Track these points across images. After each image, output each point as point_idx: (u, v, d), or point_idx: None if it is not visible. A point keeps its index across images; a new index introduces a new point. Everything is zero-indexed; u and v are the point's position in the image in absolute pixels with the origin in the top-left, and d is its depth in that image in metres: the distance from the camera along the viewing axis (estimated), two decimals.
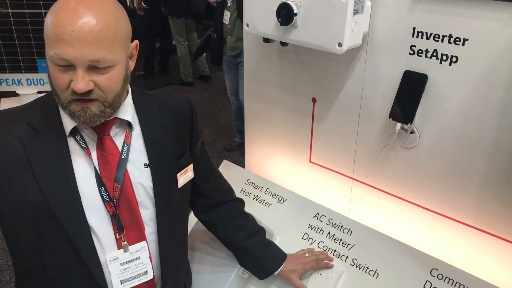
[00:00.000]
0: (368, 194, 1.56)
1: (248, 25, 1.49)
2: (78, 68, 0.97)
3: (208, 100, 5.60)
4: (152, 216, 1.19)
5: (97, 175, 1.10)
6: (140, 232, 1.17)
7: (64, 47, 0.95)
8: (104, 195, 1.10)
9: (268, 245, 1.46)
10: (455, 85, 1.24)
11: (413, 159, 1.40)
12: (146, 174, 1.17)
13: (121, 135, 1.15)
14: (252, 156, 1.93)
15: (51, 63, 0.99)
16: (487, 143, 1.23)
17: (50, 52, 0.97)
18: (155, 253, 1.21)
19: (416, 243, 1.42)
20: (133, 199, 1.15)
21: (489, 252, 1.32)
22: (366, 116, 1.47)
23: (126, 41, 1.06)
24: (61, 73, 0.99)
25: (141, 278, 1.18)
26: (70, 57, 0.96)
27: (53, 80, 1.02)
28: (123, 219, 1.14)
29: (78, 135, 1.10)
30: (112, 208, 1.11)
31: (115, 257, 1.14)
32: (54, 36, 0.96)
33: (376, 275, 1.37)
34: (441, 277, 1.29)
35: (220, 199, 1.45)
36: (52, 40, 0.96)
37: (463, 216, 1.35)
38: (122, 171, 1.12)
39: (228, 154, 4.24)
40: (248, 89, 1.82)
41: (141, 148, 1.18)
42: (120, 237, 1.13)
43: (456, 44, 1.20)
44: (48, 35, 0.97)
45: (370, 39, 1.37)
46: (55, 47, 0.96)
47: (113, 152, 1.13)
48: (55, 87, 1.03)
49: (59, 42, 0.95)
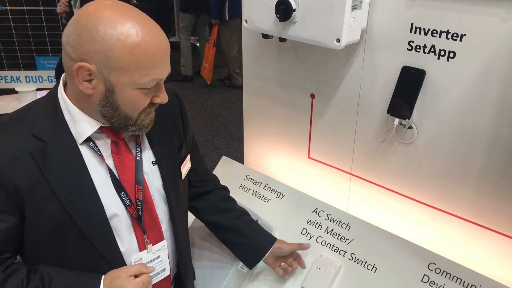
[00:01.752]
0: (366, 189, 1.57)
1: (246, 21, 1.49)
2: (162, 82, 1.02)
3: (207, 97, 5.60)
4: (166, 213, 1.21)
5: (115, 180, 1.09)
6: (158, 231, 1.19)
7: (161, 69, 0.98)
8: (125, 199, 1.10)
9: (257, 225, 1.48)
10: (453, 81, 1.25)
11: (411, 154, 1.40)
12: (155, 172, 1.18)
13: (132, 137, 1.15)
14: (251, 152, 1.94)
15: (135, 89, 0.98)
16: (485, 138, 1.24)
17: (143, 79, 0.97)
18: (171, 249, 1.25)
19: (414, 238, 1.43)
20: (150, 200, 1.16)
21: (486, 246, 1.33)
22: (364, 111, 1.47)
23: None
24: (145, 95, 1.01)
25: (160, 275, 1.21)
26: (164, 76, 1.00)
27: (133, 104, 1.01)
28: (144, 220, 1.15)
29: (91, 142, 1.07)
30: (134, 211, 1.12)
31: (139, 258, 1.16)
32: (151, 63, 0.96)
33: (374, 270, 1.38)
34: (439, 271, 1.30)
35: (207, 188, 1.47)
36: (148, 67, 0.96)
37: (461, 210, 1.36)
38: (141, 172, 1.13)
39: (227, 150, 4.25)
40: (246, 85, 1.82)
41: (147, 147, 1.18)
42: (143, 239, 1.15)
43: (454, 39, 1.21)
44: (138, 64, 0.95)
45: (368, 35, 1.37)
46: (152, 73, 0.97)
47: (128, 155, 1.12)
48: (131, 111, 1.02)
49: (158, 67, 0.97)
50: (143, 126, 1.06)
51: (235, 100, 5.47)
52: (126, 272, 1.07)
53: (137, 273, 1.08)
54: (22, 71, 3.89)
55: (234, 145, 4.35)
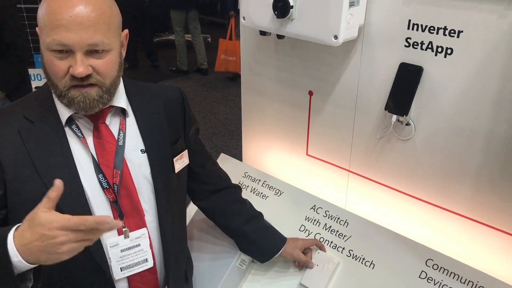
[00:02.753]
0: (364, 186, 1.57)
1: (244, 18, 1.49)
2: (77, 52, 0.99)
3: (206, 95, 5.60)
4: (152, 203, 1.21)
5: (95, 162, 1.12)
6: (140, 219, 1.18)
7: (62, 32, 0.97)
8: (103, 182, 1.11)
9: (267, 229, 1.48)
10: (450, 77, 1.25)
11: (409, 151, 1.41)
12: (143, 160, 1.19)
13: (116, 122, 1.17)
14: (249, 149, 1.94)
15: (48, 51, 1.00)
16: (482, 135, 1.24)
17: (47, 39, 0.98)
18: (157, 241, 1.23)
19: (411, 234, 1.43)
20: (131, 186, 1.16)
21: (484, 242, 1.33)
22: (362, 108, 1.48)
23: (119, 28, 1.09)
24: (58, 60, 1.00)
25: (141, 265, 1.19)
26: (70, 41, 0.97)
27: (50, 69, 1.02)
28: (123, 205, 1.15)
29: (74, 124, 1.11)
30: (112, 194, 1.12)
31: (116, 243, 1.15)
32: (51, 23, 0.97)
33: (372, 266, 1.38)
34: (436, 267, 1.30)
35: (217, 185, 1.47)
36: (50, 27, 0.97)
37: (458, 207, 1.36)
38: (120, 157, 1.14)
39: (225, 148, 4.25)
40: (245, 82, 1.82)
41: (136, 134, 1.19)
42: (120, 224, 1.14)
43: (451, 36, 1.21)
44: (44, 23, 0.98)
45: (366, 32, 1.37)
46: (52, 34, 0.97)
47: (109, 140, 1.14)
48: (52, 76, 1.03)
49: (57, 28, 0.97)
50: (74, 101, 1.03)
51: (234, 98, 5.47)
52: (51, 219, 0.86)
53: (68, 226, 0.86)
54: None
55: (233, 143, 4.36)
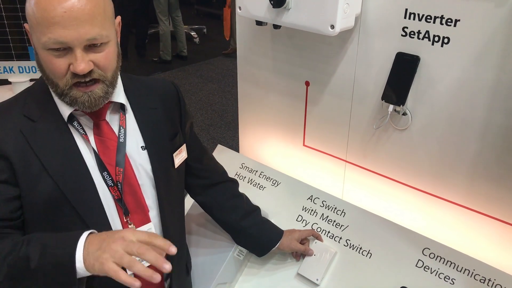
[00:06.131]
0: (361, 176, 1.57)
1: (240, 8, 1.48)
2: (76, 49, 0.96)
3: (201, 87, 5.58)
4: (154, 198, 1.20)
5: (99, 160, 1.10)
6: (144, 215, 1.18)
7: (58, 30, 0.93)
8: (107, 180, 1.10)
9: (264, 223, 1.48)
10: (447, 66, 1.25)
11: (406, 140, 1.41)
12: (144, 156, 1.18)
13: (116, 119, 1.15)
14: (246, 140, 1.94)
15: (44, 50, 0.97)
16: (479, 124, 1.24)
17: (43, 38, 0.95)
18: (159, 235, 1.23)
19: (408, 223, 1.44)
20: (135, 182, 1.16)
21: (480, 231, 1.34)
22: (359, 98, 1.47)
23: (113, 17, 1.06)
24: (57, 59, 0.97)
25: None
26: (67, 39, 0.94)
27: (48, 68, 0.99)
28: (127, 202, 1.14)
29: (75, 121, 1.09)
30: (117, 192, 1.12)
31: None
32: (45, 21, 0.93)
33: (369, 255, 1.39)
34: (433, 256, 1.31)
35: (214, 179, 1.47)
36: (44, 25, 0.94)
37: (455, 196, 1.36)
38: (122, 154, 1.13)
39: (222, 139, 4.24)
40: (241, 73, 1.81)
41: (136, 131, 1.18)
42: (126, 221, 1.14)
43: (448, 25, 1.21)
44: (37, 21, 0.94)
45: (363, 21, 1.37)
46: (48, 32, 0.94)
47: (110, 137, 1.13)
48: (52, 75, 1.00)
49: (52, 26, 0.93)
50: (77, 100, 1.02)
51: (230, 89, 5.45)
52: (127, 236, 0.90)
53: (145, 241, 0.91)
54: (15, 61, 3.85)
55: (230, 134, 4.35)
